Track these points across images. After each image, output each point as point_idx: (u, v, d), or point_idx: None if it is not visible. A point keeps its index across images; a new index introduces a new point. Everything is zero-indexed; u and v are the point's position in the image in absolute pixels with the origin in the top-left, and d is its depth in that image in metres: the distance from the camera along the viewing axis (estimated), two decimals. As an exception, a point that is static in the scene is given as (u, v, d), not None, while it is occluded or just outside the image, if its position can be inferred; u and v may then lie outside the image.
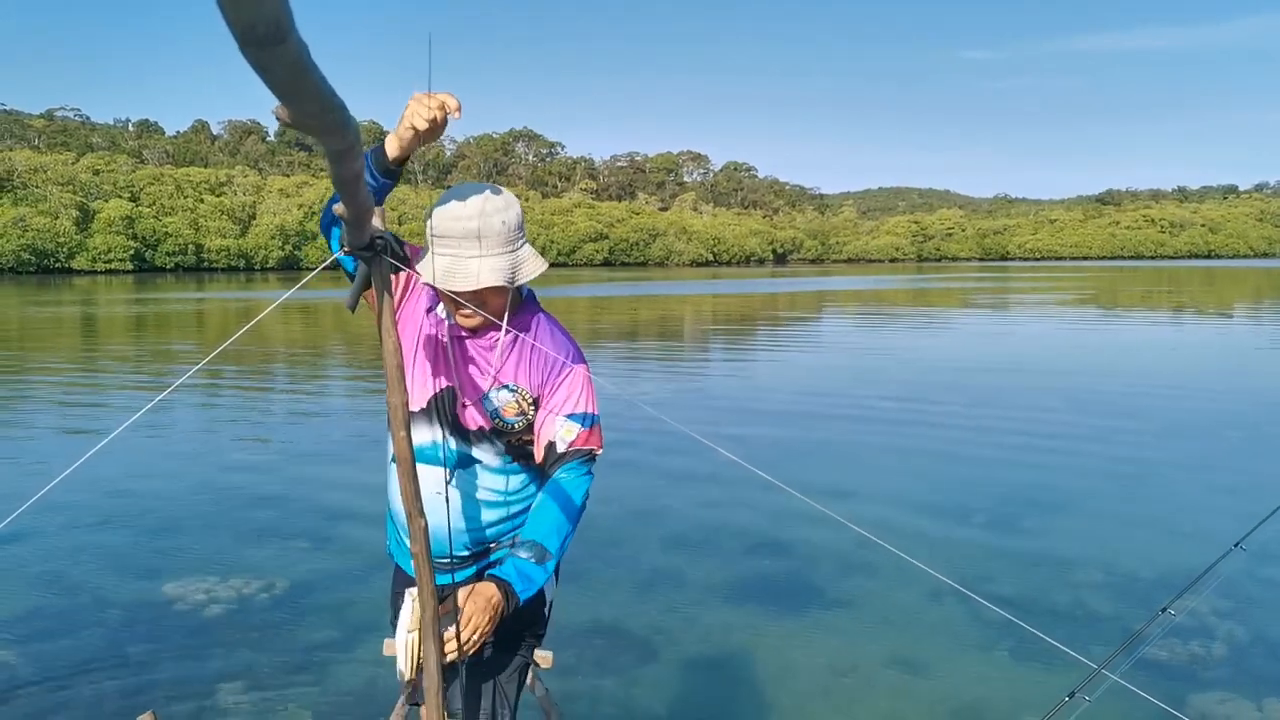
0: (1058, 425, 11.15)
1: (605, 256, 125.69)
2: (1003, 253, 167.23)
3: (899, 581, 5.76)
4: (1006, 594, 5.55)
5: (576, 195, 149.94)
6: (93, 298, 45.68)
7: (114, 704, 4.29)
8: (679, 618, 5.34)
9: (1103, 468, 8.81)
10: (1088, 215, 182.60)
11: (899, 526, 6.90)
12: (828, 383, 15.10)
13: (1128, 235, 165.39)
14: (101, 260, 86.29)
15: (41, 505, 7.48)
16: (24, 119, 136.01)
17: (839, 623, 5.24)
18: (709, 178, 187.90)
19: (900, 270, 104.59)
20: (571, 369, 2.32)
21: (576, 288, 53.40)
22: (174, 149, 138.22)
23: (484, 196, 2.14)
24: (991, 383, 14.83)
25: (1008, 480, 8.44)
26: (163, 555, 6.42)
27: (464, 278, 2.09)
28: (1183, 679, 4.49)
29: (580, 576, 5.71)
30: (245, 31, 0.85)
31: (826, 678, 4.54)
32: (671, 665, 4.78)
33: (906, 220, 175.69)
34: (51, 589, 5.79)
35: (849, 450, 9.90)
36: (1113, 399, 13.04)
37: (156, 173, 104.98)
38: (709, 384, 15.79)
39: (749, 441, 10.09)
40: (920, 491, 7.96)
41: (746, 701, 4.37)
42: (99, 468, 8.78)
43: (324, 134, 1.21)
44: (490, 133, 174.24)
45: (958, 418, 11.66)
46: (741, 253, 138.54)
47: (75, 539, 6.73)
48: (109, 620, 5.29)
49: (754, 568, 6.16)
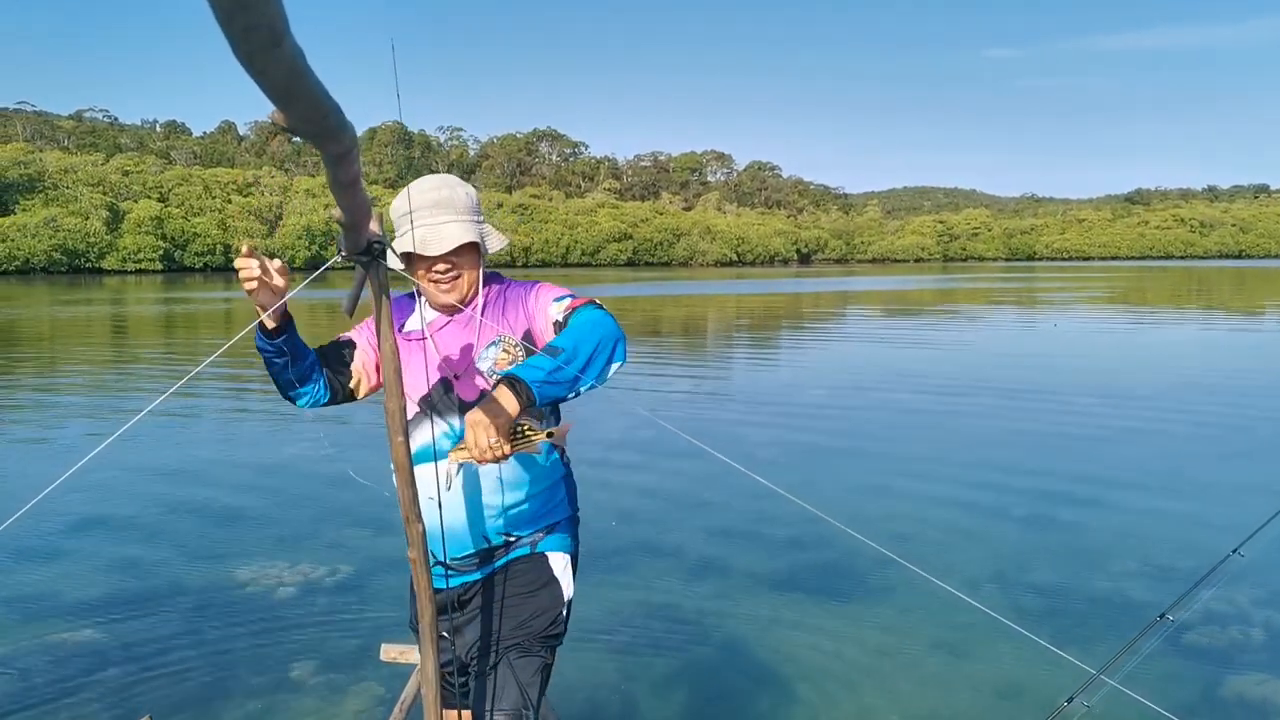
0: (1062, 426, 11.03)
1: (629, 257, 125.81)
2: (1030, 253, 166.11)
3: (896, 584, 5.74)
4: (1005, 598, 5.52)
5: (600, 195, 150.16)
6: (122, 297, 46.23)
7: (199, 679, 4.54)
8: (674, 622, 5.34)
9: (1110, 471, 8.67)
10: (1116, 215, 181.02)
11: (898, 527, 6.88)
12: (849, 382, 15.04)
13: (1157, 235, 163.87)
14: (131, 260, 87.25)
15: (110, 494, 7.64)
16: (53, 120, 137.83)
17: (834, 627, 5.20)
18: (733, 177, 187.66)
19: (926, 270, 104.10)
20: (537, 286, 2.49)
21: (600, 287, 53.48)
22: (201, 150, 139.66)
23: (441, 176, 2.37)
24: (1015, 383, 14.71)
25: (1007, 481, 8.33)
26: (230, 541, 6.65)
27: (439, 241, 2.26)
28: (1181, 685, 4.46)
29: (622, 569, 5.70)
30: (241, 37, 0.85)
31: (822, 682, 4.52)
32: (662, 663, 4.80)
33: (932, 220, 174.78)
34: (129, 573, 6.05)
35: (853, 453, 9.84)
36: (1129, 398, 12.91)
37: (185, 173, 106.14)
38: (741, 383, 15.76)
39: (773, 445, 10.07)
40: (921, 492, 7.90)
41: (744, 701, 4.36)
42: (163, 456, 8.88)
43: (321, 138, 1.21)
44: (514, 132, 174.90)
45: (967, 419, 11.58)
46: (766, 253, 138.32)
47: (146, 526, 7.05)
48: (183, 603, 5.53)
49: (753, 568, 6.10)
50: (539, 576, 2.46)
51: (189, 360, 18.88)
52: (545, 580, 2.47)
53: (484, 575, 2.45)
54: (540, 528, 2.48)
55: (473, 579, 2.45)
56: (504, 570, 2.46)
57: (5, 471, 8.87)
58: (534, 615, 2.43)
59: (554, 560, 2.49)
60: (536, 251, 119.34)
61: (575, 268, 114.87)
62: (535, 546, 2.48)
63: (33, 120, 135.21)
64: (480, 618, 2.45)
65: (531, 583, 2.45)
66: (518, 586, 2.45)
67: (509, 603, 2.43)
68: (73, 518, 7.12)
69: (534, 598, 2.44)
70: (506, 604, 2.43)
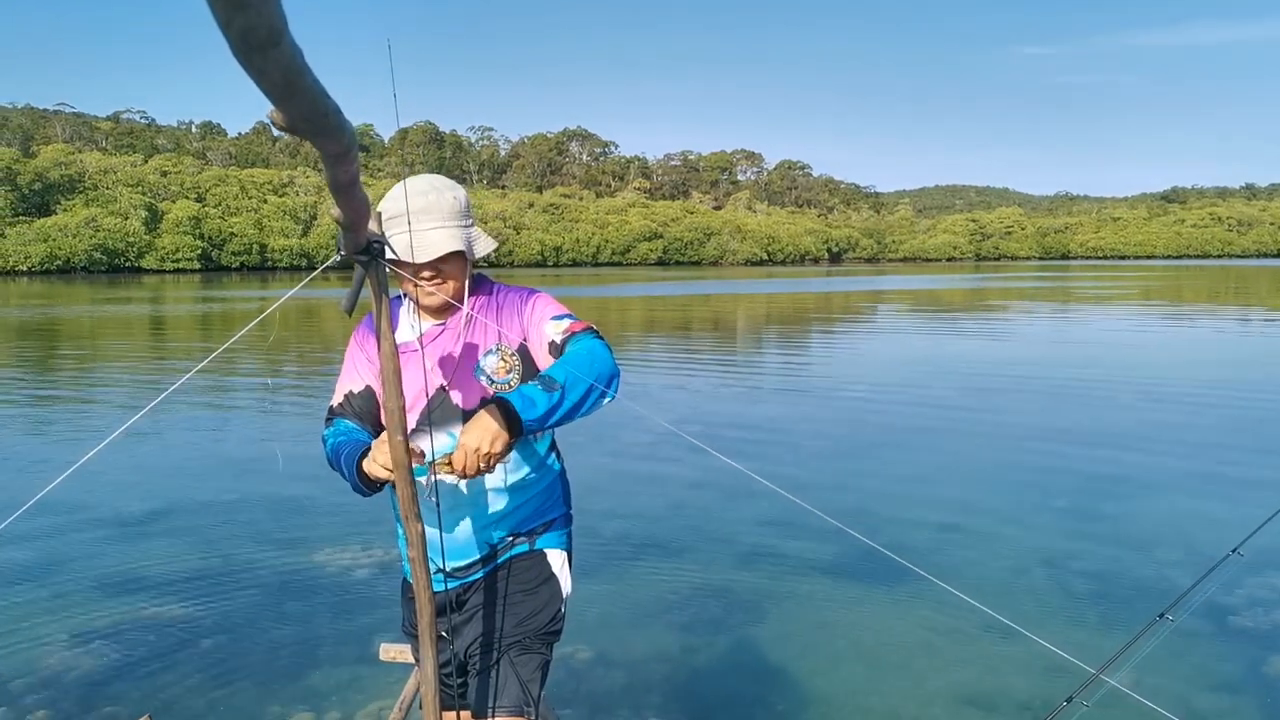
0: (1071, 431, 11.02)
1: (659, 256, 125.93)
2: (1064, 251, 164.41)
3: (893, 583, 5.73)
4: (1004, 598, 5.50)
5: (630, 195, 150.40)
6: (161, 295, 46.95)
7: (288, 656, 4.74)
8: (676, 622, 5.42)
9: (1118, 471, 8.64)
10: (1152, 213, 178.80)
11: (897, 525, 6.90)
12: (846, 384, 15.07)
13: (1194, 234, 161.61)
14: (170, 260, 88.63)
15: (183, 483, 7.85)
16: (91, 121, 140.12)
17: (832, 624, 5.19)
18: (763, 176, 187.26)
19: (958, 269, 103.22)
20: (534, 297, 2.43)
21: (630, 286, 53.46)
22: (236, 150, 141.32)
23: (430, 178, 2.30)
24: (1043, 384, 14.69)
25: (1006, 482, 8.31)
26: (300, 527, 6.91)
27: (425, 248, 2.21)
28: (1180, 684, 4.45)
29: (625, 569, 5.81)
30: (241, 37, 0.85)
31: (819, 682, 4.52)
32: (662, 662, 4.88)
33: (964, 219, 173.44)
34: (210, 553, 6.34)
35: (852, 453, 9.88)
36: (1145, 394, 12.89)
37: (222, 174, 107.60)
38: (763, 383, 15.85)
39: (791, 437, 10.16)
40: (920, 492, 7.88)
41: (744, 700, 4.37)
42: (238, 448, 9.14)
43: (319, 137, 1.20)
44: (544, 132, 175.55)
45: (966, 419, 11.59)
46: (796, 252, 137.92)
47: (219, 513, 7.32)
48: (264, 582, 5.79)
49: (753, 567, 6.09)
50: (538, 574, 2.47)
51: (225, 359, 19.19)
52: (544, 577, 2.47)
53: (483, 574, 2.45)
54: (538, 525, 2.48)
55: (472, 579, 2.45)
56: (503, 568, 2.45)
57: (33, 457, 9.16)
58: (533, 612, 2.43)
59: (552, 557, 2.50)
60: (568, 251, 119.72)
61: (606, 267, 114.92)
62: (534, 544, 2.48)
63: (71, 121, 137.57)
64: (479, 616, 2.44)
65: (531, 580, 2.45)
66: (517, 584, 2.44)
67: (508, 600, 2.43)
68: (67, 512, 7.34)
69: (533, 595, 2.44)
70: (506, 602, 2.43)
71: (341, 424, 2.34)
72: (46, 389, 14.99)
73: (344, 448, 2.23)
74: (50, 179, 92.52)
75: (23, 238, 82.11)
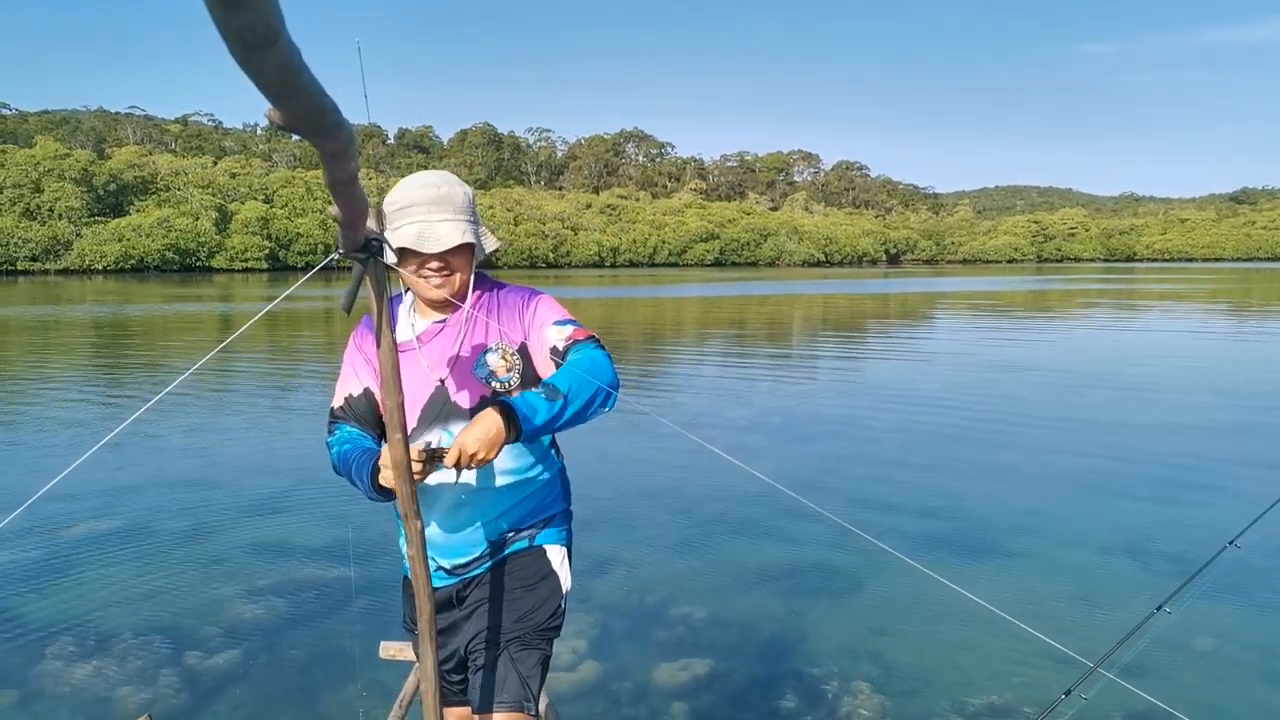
0: (1061, 424, 11.01)
1: (716, 256, 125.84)
2: (1129, 253, 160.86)
3: (890, 578, 5.76)
4: (1002, 592, 5.51)
5: (687, 195, 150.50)
6: (230, 293, 48.21)
7: (288, 654, 4.80)
8: (678, 621, 5.48)
9: (1123, 470, 8.62)
10: (1221, 215, 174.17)
11: (895, 521, 6.95)
12: (859, 391, 15.10)
13: (1264, 236, 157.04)
14: (239, 259, 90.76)
15: (183, 482, 8.29)
16: (161, 124, 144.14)
17: (829, 620, 5.20)
18: (820, 177, 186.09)
19: (1020, 271, 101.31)
20: (536, 299, 2.44)
21: (687, 287, 53.36)
22: (301, 152, 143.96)
23: (440, 173, 2.32)
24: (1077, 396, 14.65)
25: (1006, 483, 8.28)
26: (299, 525, 6.98)
27: (436, 239, 2.22)
28: (1178, 676, 4.47)
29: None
30: (238, 37, 0.85)
31: (818, 678, 4.52)
32: (663, 664, 4.95)
33: (1026, 220, 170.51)
34: (209, 552, 6.38)
35: (853, 454, 9.88)
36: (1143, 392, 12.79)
37: (288, 176, 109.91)
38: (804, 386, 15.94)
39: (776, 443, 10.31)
40: (919, 492, 7.87)
41: (745, 699, 4.40)
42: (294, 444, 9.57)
43: (317, 136, 1.20)
44: (601, 133, 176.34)
45: (967, 419, 11.58)
46: (854, 253, 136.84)
47: (218, 512, 7.39)
48: (264, 580, 5.81)
49: (752, 566, 6.11)
50: (538, 570, 2.47)
51: (291, 357, 19.79)
52: (545, 573, 2.47)
53: (483, 571, 2.46)
54: (538, 521, 2.49)
55: (472, 575, 2.46)
56: (503, 564, 2.46)
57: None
58: (534, 608, 2.44)
59: (552, 553, 2.50)
60: (625, 251, 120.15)
61: (662, 267, 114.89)
62: (534, 540, 2.48)
63: (142, 124, 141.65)
64: (480, 611, 2.45)
65: (531, 576, 2.46)
66: (517, 580, 2.45)
67: (509, 596, 2.44)
68: None
69: (534, 591, 2.45)
70: (506, 598, 2.44)
71: (343, 430, 2.37)
72: (90, 386, 15.23)
73: (351, 456, 2.26)
74: (124, 180, 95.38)
75: (98, 237, 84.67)
